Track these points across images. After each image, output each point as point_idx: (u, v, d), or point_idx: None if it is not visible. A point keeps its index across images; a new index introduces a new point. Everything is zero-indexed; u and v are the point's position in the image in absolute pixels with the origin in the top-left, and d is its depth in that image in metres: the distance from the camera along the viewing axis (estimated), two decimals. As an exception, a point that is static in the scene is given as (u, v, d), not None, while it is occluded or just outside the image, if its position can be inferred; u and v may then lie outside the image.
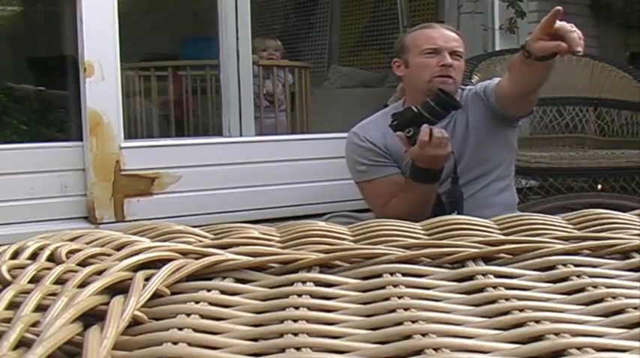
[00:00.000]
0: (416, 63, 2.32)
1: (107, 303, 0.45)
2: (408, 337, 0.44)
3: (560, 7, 1.91)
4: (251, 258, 0.57)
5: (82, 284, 0.48)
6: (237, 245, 0.61)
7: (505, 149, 2.38)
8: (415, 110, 2.09)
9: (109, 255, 0.57)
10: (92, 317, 0.44)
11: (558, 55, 1.95)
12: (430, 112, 2.07)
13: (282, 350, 0.43)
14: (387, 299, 0.50)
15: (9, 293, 0.46)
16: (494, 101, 2.26)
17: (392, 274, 0.55)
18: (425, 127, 2.05)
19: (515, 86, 2.15)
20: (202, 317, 0.48)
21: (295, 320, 0.47)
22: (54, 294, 0.47)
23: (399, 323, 0.46)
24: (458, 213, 2.06)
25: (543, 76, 2.11)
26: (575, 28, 1.90)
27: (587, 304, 0.49)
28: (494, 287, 0.52)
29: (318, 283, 0.54)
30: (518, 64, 2.09)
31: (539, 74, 2.08)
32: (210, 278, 0.55)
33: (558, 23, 1.88)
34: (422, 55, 2.30)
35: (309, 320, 0.47)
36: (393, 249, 0.59)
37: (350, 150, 2.40)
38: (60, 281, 0.50)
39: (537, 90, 2.21)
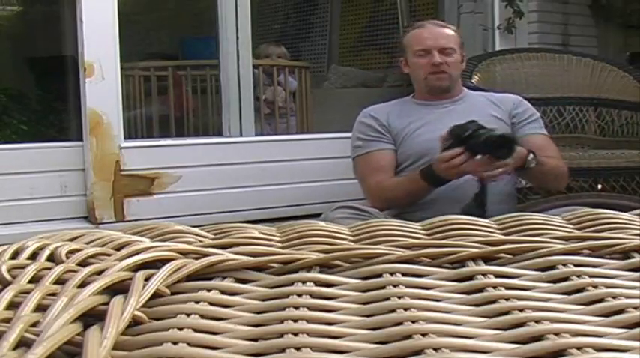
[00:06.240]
0: (412, 63, 2.46)
1: (107, 303, 0.45)
2: (408, 337, 0.44)
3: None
4: (251, 258, 0.57)
5: (82, 284, 0.48)
6: (237, 245, 0.61)
7: None
8: (470, 131, 2.06)
9: (109, 255, 0.57)
10: (92, 317, 0.44)
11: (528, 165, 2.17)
12: (479, 144, 2.05)
13: (282, 350, 0.43)
14: (387, 299, 0.50)
15: (9, 293, 0.46)
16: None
17: (392, 274, 0.55)
18: (450, 152, 2.05)
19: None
20: (202, 317, 0.48)
21: (295, 320, 0.47)
22: (54, 294, 0.47)
23: (399, 323, 0.46)
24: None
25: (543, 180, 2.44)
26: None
27: (587, 304, 0.49)
28: (494, 287, 0.52)
29: (318, 283, 0.54)
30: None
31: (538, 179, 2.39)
32: (210, 278, 0.55)
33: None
34: (415, 55, 2.43)
35: (309, 320, 0.47)
36: (393, 249, 0.59)
37: (355, 128, 2.47)
38: (60, 281, 0.50)
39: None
